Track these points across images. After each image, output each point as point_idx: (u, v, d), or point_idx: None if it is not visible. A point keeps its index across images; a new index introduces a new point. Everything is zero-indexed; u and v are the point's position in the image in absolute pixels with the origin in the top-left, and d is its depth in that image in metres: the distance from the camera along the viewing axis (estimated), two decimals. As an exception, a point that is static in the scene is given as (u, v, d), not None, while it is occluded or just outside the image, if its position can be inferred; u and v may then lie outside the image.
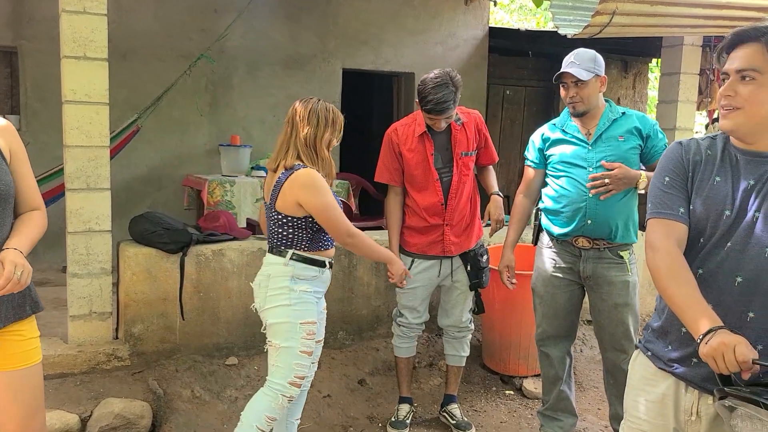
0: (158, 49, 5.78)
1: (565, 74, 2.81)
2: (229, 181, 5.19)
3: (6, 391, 1.85)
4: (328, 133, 2.55)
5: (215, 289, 3.64)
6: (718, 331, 1.43)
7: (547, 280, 2.98)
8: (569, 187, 2.85)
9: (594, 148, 2.83)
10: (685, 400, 1.67)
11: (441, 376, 3.78)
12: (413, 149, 3.10)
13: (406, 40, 6.67)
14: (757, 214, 1.57)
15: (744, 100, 1.56)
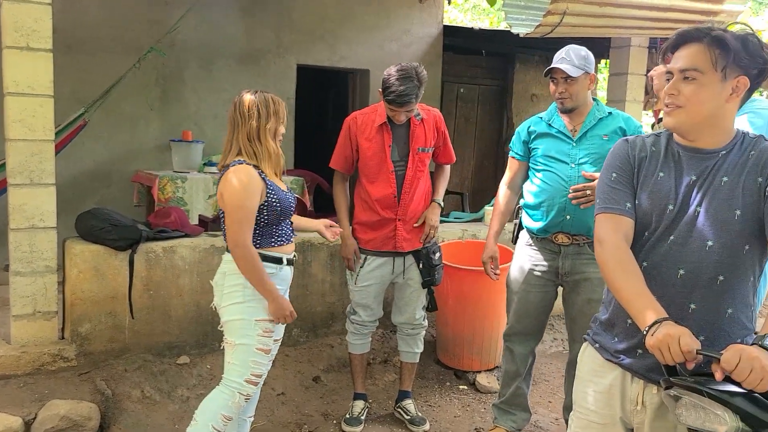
0: (106, 41, 5.62)
1: (556, 69, 2.83)
2: (181, 177, 5.09)
3: None
4: (272, 122, 2.49)
5: (166, 287, 3.57)
6: (664, 323, 1.47)
7: (524, 278, 2.98)
8: (550, 181, 2.87)
9: (578, 145, 2.86)
10: (631, 391, 1.72)
11: (395, 372, 3.80)
12: (371, 139, 3.11)
13: (362, 36, 6.66)
14: (699, 208, 1.63)
15: (686, 99, 1.62)
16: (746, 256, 1.61)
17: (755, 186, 1.59)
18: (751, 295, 1.66)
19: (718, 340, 1.59)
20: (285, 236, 2.57)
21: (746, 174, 1.61)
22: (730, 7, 4.23)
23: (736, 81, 1.61)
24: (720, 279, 1.61)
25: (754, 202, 1.59)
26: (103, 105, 5.18)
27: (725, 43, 1.59)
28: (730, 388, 1.39)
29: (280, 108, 2.53)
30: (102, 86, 5.13)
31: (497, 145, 7.77)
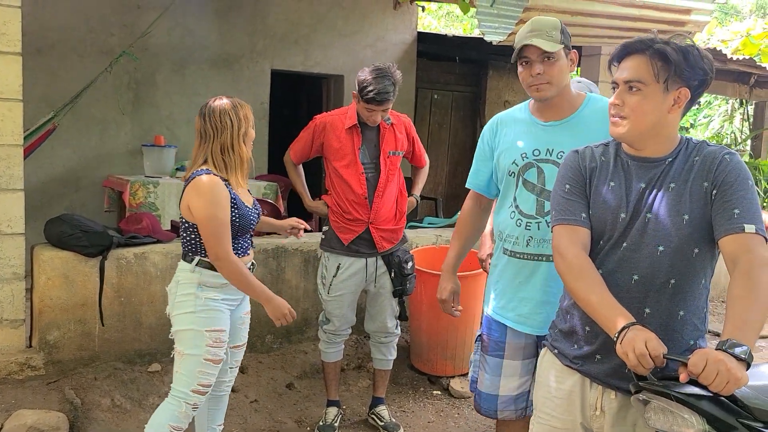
0: (77, 45, 5.54)
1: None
2: (153, 182, 5.03)
3: None
4: (244, 127, 2.45)
5: (137, 294, 3.53)
6: (631, 328, 1.50)
7: None
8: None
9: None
10: (590, 396, 1.75)
11: (369, 378, 3.79)
12: (341, 140, 3.12)
13: (336, 42, 6.67)
14: (649, 215, 1.67)
15: (630, 110, 1.67)
16: (696, 259, 1.65)
17: (701, 190, 1.64)
18: (702, 298, 1.71)
19: (670, 342, 1.62)
20: (242, 249, 2.50)
21: (692, 179, 1.66)
22: (697, 17, 4.33)
23: (678, 92, 1.66)
24: (672, 282, 1.65)
25: (701, 207, 1.64)
26: (73, 109, 5.11)
27: (666, 56, 1.63)
28: (697, 392, 1.42)
29: (249, 111, 2.49)
30: (72, 90, 5.06)
31: (470, 151, 7.82)
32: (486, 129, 2.41)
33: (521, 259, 2.22)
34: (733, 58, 6.05)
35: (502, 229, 2.28)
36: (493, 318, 2.33)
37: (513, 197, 2.25)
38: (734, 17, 15.21)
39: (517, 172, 2.23)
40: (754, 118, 7.82)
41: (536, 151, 2.22)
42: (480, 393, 2.37)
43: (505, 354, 2.29)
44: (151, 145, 5.45)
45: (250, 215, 2.49)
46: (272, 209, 4.56)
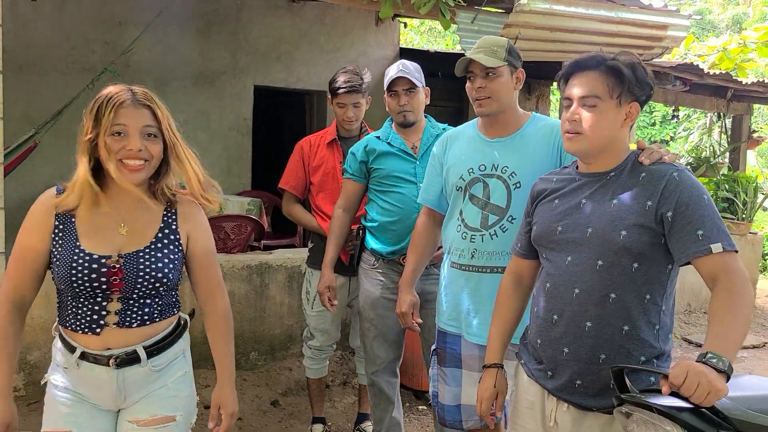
0: (59, 62, 5.52)
1: (400, 80, 2.73)
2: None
3: None
4: (90, 131, 1.67)
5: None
6: (487, 370, 1.98)
7: (377, 303, 2.83)
8: (399, 203, 2.76)
9: (422, 163, 2.72)
10: (547, 407, 1.78)
11: (354, 394, 3.78)
12: (323, 157, 3.14)
13: (319, 58, 6.70)
14: (590, 229, 1.70)
15: (587, 126, 1.69)
16: (636, 274, 1.65)
17: (643, 208, 1.65)
18: (652, 314, 1.67)
19: (618, 358, 1.64)
20: (82, 320, 1.69)
21: (635, 195, 1.67)
22: (673, 33, 4.42)
23: (629, 107, 1.70)
24: (612, 297, 1.66)
25: (641, 223, 1.64)
26: (54, 126, 5.08)
27: (620, 72, 1.67)
28: (678, 404, 1.43)
29: (106, 108, 1.65)
30: (54, 107, 5.03)
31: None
32: (437, 144, 2.48)
33: (466, 271, 2.26)
34: (710, 73, 6.16)
35: (449, 242, 2.34)
36: (445, 330, 2.35)
37: (459, 211, 2.30)
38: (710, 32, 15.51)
39: (464, 186, 2.29)
40: (732, 131, 7.95)
41: (482, 166, 2.27)
42: (443, 406, 2.37)
43: (462, 364, 2.31)
44: (134, 161, 5.42)
45: (78, 266, 1.64)
46: (256, 226, 4.55)
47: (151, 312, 1.73)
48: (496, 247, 2.20)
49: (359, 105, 3.09)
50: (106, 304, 1.68)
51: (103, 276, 1.65)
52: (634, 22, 4.19)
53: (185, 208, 1.80)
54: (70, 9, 5.50)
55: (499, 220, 2.21)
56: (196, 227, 1.82)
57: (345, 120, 3.10)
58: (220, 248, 4.27)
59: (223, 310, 1.88)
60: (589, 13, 4.00)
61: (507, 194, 2.20)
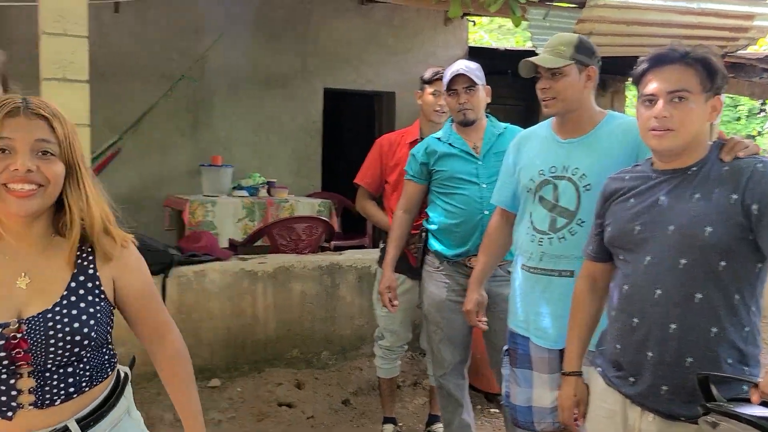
0: (139, 70, 5.76)
1: (457, 79, 2.70)
2: (211, 201, 5.17)
3: None
4: None
5: (197, 311, 3.61)
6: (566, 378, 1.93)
7: (442, 305, 2.78)
8: (463, 204, 2.71)
9: (484, 163, 2.71)
10: (630, 416, 1.70)
11: (425, 395, 3.77)
12: (401, 157, 3.09)
13: (387, 59, 6.73)
14: (671, 227, 1.61)
15: (679, 122, 1.60)
16: (724, 272, 1.57)
17: (727, 202, 1.56)
18: (742, 315, 1.59)
19: (705, 362, 1.56)
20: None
21: (718, 189, 1.59)
22: (761, 23, 4.19)
23: (715, 100, 1.63)
24: (697, 297, 1.58)
25: (727, 218, 1.55)
26: (135, 132, 5.32)
27: (708, 63, 1.60)
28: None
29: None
30: (135, 114, 5.27)
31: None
32: (511, 145, 2.45)
33: (535, 274, 2.22)
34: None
35: (520, 244, 2.30)
36: (515, 331, 2.32)
37: (529, 213, 2.26)
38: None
39: (534, 188, 2.24)
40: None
41: (553, 168, 2.22)
42: (514, 407, 2.34)
43: (533, 366, 2.27)
44: (209, 165, 5.61)
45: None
46: (326, 227, 4.61)
47: (77, 381, 1.35)
48: (564, 250, 2.15)
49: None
50: (14, 382, 1.28)
51: (2, 350, 1.25)
52: (717, 12, 4.00)
53: (105, 245, 1.41)
54: (149, 19, 5.74)
55: (568, 223, 2.15)
56: (123, 268, 1.45)
57: (436, 109, 3.02)
58: (292, 249, 4.34)
59: (174, 348, 1.57)
60: (667, 4, 3.85)
61: (576, 197, 2.14)
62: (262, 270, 3.79)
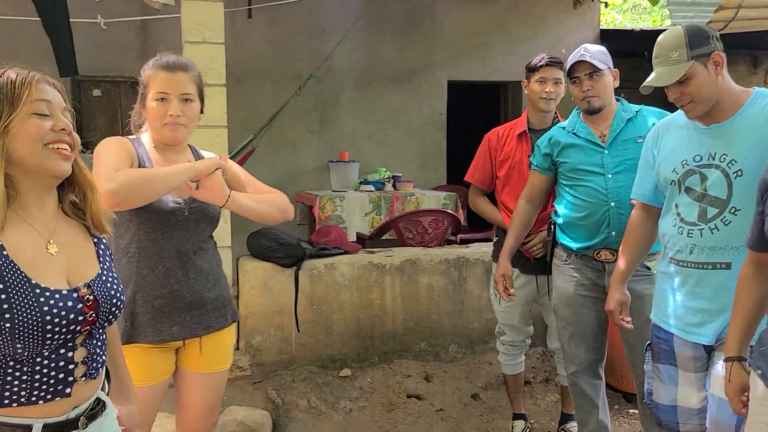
0: (270, 72, 6.03)
1: (578, 66, 2.56)
2: (339, 196, 5.31)
3: (197, 388, 2.04)
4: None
5: (328, 302, 3.72)
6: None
7: (571, 300, 2.67)
8: (587, 196, 2.58)
9: (611, 152, 2.57)
10: None
11: (557, 392, 3.64)
12: (510, 150, 3.03)
13: (513, 47, 6.57)
14: None
15: None
16: None
17: None
18: None
19: None
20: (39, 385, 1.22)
21: None
22: None
23: None
24: None
25: None
26: (268, 131, 5.57)
27: None
28: None
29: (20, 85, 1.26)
30: (267, 114, 5.52)
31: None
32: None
33: (685, 267, 2.07)
34: None
35: (666, 237, 2.16)
36: (659, 326, 2.19)
37: (675, 204, 2.12)
38: None
39: (677, 180, 2.10)
40: None
41: (697, 156, 2.06)
42: (657, 405, 2.21)
43: (677, 363, 2.13)
44: (337, 161, 5.77)
45: (55, 309, 1.22)
46: (453, 220, 4.58)
47: (104, 351, 1.37)
48: (718, 241, 1.99)
49: (560, 82, 2.93)
50: (72, 355, 1.27)
51: (80, 315, 1.25)
52: None
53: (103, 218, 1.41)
54: (279, 22, 5.99)
55: (720, 213, 1.99)
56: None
57: (543, 97, 2.93)
58: (418, 242, 4.36)
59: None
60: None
61: (727, 185, 1.97)
62: (389, 263, 3.84)
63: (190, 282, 1.95)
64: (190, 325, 1.96)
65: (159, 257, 1.92)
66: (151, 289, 1.91)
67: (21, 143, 1.21)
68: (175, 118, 1.90)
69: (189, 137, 2.04)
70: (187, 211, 1.94)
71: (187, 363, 2.03)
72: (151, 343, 1.92)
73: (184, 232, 1.95)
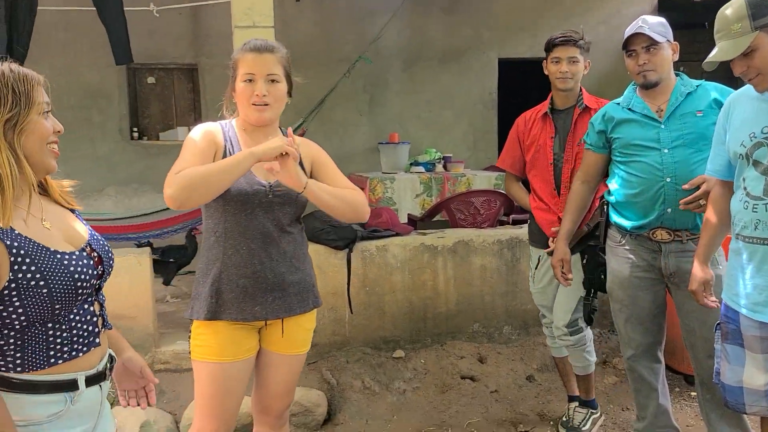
0: (319, 55, 6.05)
1: (634, 39, 2.46)
2: (389, 178, 5.30)
3: (276, 368, 2.11)
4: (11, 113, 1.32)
5: (380, 284, 3.73)
6: None
7: (626, 282, 2.59)
8: (641, 173, 2.48)
9: (667, 127, 2.46)
10: None
11: (616, 374, 3.57)
12: (536, 132, 2.97)
13: (565, 23, 6.37)
14: None
15: None
16: None
17: None
18: None
19: None
20: (77, 339, 1.38)
21: None
22: None
23: None
24: None
25: None
26: (318, 114, 5.59)
27: None
28: None
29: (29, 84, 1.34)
30: (317, 97, 5.54)
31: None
32: (721, 111, 2.22)
33: (750, 243, 2.01)
34: None
35: (734, 213, 2.10)
36: (729, 305, 2.13)
37: (742, 179, 2.05)
38: None
39: (745, 153, 2.03)
40: None
41: (766, 128, 1.98)
42: (723, 385, 2.15)
43: (744, 343, 2.07)
44: (387, 142, 5.75)
45: (74, 261, 1.37)
46: (505, 200, 4.52)
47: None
48: None
49: (576, 61, 2.81)
50: (93, 308, 1.44)
51: (94, 270, 1.42)
52: None
53: (63, 193, 1.53)
54: (327, 4, 5.98)
55: None
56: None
57: (558, 77, 2.82)
58: (470, 223, 4.32)
59: None
60: None
61: None
62: (441, 244, 3.81)
63: (273, 264, 1.99)
64: (272, 306, 2.00)
65: (243, 238, 1.96)
66: (235, 268, 1.96)
67: (31, 141, 1.35)
68: (261, 98, 1.96)
69: (278, 118, 2.09)
70: (270, 194, 1.98)
71: (269, 343, 2.08)
72: (235, 320, 1.98)
73: (268, 214, 1.99)
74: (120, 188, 6.11)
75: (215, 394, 2.00)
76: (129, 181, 6.12)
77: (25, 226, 1.34)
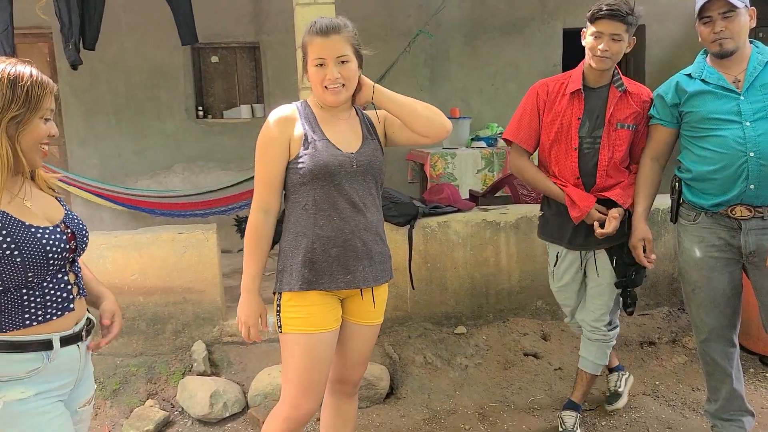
0: (380, 30, 6.00)
1: (711, 5, 2.29)
2: (450, 154, 5.25)
3: (356, 338, 2.17)
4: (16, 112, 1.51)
5: (442, 260, 3.72)
6: None
7: (700, 263, 2.47)
8: (721, 148, 2.34)
9: (747, 98, 2.32)
10: None
11: (685, 354, 3.47)
12: (560, 108, 2.65)
13: (634, -11, 6.13)
14: None
15: None
16: None
17: None
18: None
19: None
20: (50, 303, 1.58)
21: None
22: None
23: None
24: None
25: None
26: (379, 90, 5.56)
27: None
28: None
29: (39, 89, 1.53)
30: (378, 72, 5.51)
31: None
32: None
33: None
34: None
35: None
36: None
37: None
38: None
39: None
40: None
41: None
42: None
43: None
44: (448, 117, 5.68)
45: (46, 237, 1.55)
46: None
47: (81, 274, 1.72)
48: None
49: (619, 38, 2.49)
50: (67, 278, 1.63)
51: (66, 244, 1.60)
52: None
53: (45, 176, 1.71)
54: (387, -22, 5.92)
55: None
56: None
57: (597, 54, 2.51)
58: (533, 199, 4.23)
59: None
60: None
61: None
62: (504, 220, 3.76)
63: (361, 233, 2.03)
64: (363, 275, 2.05)
65: (334, 209, 2.01)
66: (327, 239, 2.00)
67: (27, 140, 1.53)
68: (333, 81, 2.00)
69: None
70: (355, 163, 2.02)
71: (351, 312, 2.13)
72: (329, 290, 2.03)
73: (354, 184, 2.03)
74: (187, 165, 6.29)
75: (311, 366, 2.02)
76: (195, 158, 6.29)
77: (7, 204, 1.53)
